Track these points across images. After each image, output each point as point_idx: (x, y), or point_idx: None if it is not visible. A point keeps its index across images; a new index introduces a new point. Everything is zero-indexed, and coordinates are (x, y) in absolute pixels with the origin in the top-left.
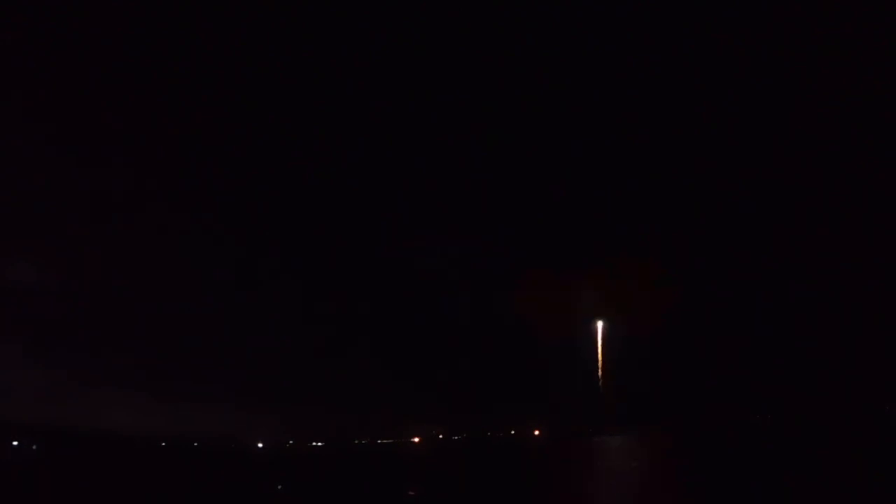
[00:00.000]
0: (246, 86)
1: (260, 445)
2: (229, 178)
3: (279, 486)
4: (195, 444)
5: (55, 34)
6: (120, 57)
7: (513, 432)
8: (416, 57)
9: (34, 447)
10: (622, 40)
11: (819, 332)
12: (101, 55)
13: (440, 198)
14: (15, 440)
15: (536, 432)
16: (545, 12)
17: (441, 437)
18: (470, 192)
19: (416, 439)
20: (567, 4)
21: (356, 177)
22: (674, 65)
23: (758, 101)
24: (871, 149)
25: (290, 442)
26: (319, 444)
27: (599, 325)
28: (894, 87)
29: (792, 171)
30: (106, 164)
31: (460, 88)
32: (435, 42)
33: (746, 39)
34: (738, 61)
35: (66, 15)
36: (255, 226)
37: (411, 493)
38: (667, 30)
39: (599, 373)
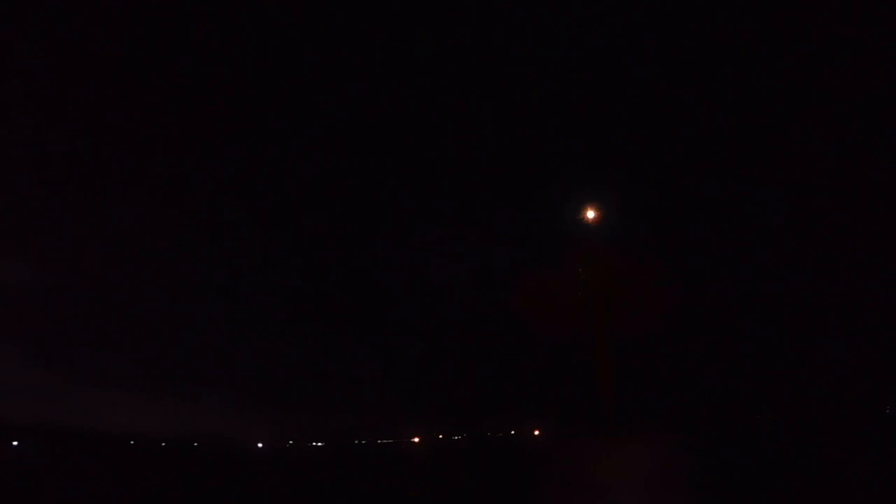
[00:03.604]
0: (246, 85)
1: (260, 445)
2: (228, 178)
3: (279, 487)
4: (195, 444)
5: (55, 34)
6: (119, 56)
7: (513, 432)
8: (414, 56)
9: (33, 447)
10: (621, 40)
11: (819, 331)
12: (100, 54)
13: (440, 197)
14: (15, 440)
15: (536, 432)
16: (545, 12)
17: (441, 437)
18: (469, 191)
19: (416, 439)
20: (566, 4)
21: (355, 176)
22: (673, 64)
23: (758, 101)
24: (871, 149)
25: (290, 442)
26: (319, 444)
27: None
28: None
29: (792, 171)
30: (106, 163)
31: (459, 88)
32: (433, 41)
33: (746, 39)
34: (738, 61)
35: (66, 15)
36: (256, 225)
37: (411, 493)
38: (666, 30)
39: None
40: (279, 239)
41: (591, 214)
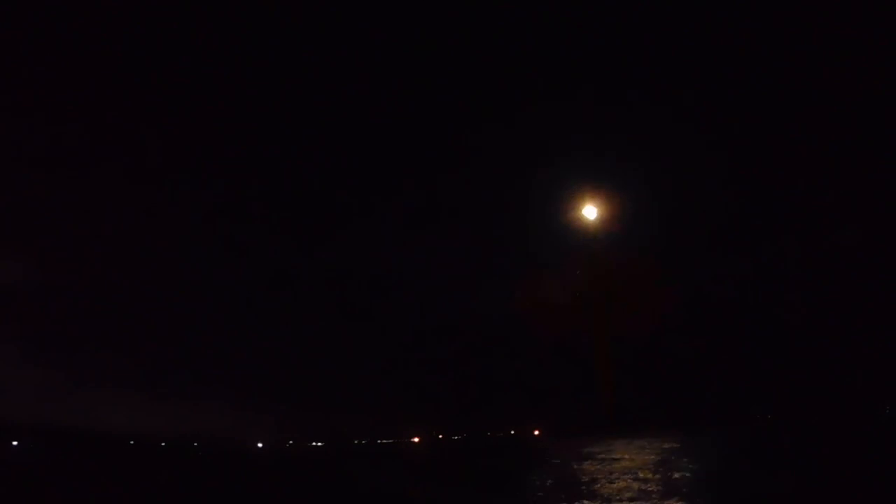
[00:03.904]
0: (245, 85)
1: (260, 445)
2: (228, 178)
3: (279, 487)
4: (195, 444)
5: (55, 34)
6: (120, 55)
7: (513, 432)
8: (413, 55)
9: (33, 447)
10: (622, 40)
11: (819, 331)
12: (100, 53)
13: (438, 196)
14: (15, 440)
15: (536, 432)
16: (545, 12)
17: (441, 437)
18: (468, 191)
19: (416, 439)
20: (563, 5)
21: (354, 175)
22: (673, 64)
23: (758, 101)
24: (871, 149)
25: (290, 442)
26: (319, 444)
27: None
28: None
29: (792, 171)
30: (106, 162)
31: (459, 88)
32: (433, 41)
33: (746, 39)
34: (739, 61)
35: (66, 14)
36: (255, 225)
37: (411, 493)
38: (666, 30)
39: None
40: (279, 239)
41: (591, 215)
